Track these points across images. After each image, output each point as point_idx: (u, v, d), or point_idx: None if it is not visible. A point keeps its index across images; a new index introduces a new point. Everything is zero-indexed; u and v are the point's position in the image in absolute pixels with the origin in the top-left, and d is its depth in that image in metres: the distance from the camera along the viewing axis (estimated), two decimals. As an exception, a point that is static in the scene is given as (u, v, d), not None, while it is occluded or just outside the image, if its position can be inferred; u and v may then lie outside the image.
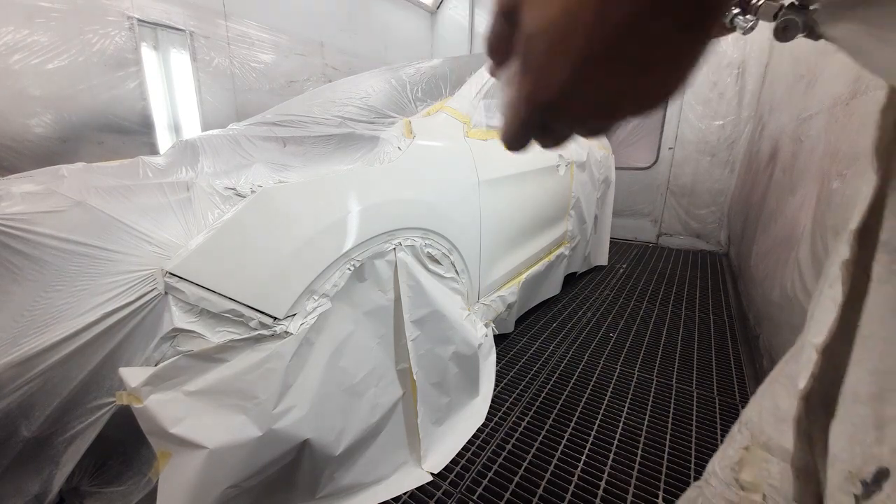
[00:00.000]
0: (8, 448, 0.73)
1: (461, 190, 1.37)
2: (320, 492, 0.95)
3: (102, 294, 0.73)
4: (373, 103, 1.58)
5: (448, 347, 1.22)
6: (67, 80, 2.08)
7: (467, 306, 1.40)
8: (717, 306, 2.32)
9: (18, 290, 0.74)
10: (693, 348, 1.83)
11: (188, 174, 1.08)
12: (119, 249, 0.77)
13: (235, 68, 2.82)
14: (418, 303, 1.12)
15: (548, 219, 2.04)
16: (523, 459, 1.18)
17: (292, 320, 0.84)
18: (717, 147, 3.41)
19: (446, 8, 4.69)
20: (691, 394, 1.49)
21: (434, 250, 1.22)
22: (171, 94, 2.54)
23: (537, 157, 1.89)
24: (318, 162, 1.13)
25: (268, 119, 1.68)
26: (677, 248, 3.68)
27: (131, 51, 2.29)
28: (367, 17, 3.88)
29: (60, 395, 0.72)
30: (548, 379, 1.58)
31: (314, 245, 0.89)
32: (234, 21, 2.77)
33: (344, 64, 3.65)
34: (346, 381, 0.95)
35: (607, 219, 3.01)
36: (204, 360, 0.77)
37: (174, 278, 0.74)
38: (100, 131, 2.24)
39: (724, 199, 3.47)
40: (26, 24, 1.92)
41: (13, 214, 0.78)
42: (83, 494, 0.84)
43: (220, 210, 0.87)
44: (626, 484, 1.10)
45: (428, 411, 1.16)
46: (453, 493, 1.07)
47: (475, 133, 1.53)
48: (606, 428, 1.31)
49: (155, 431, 0.73)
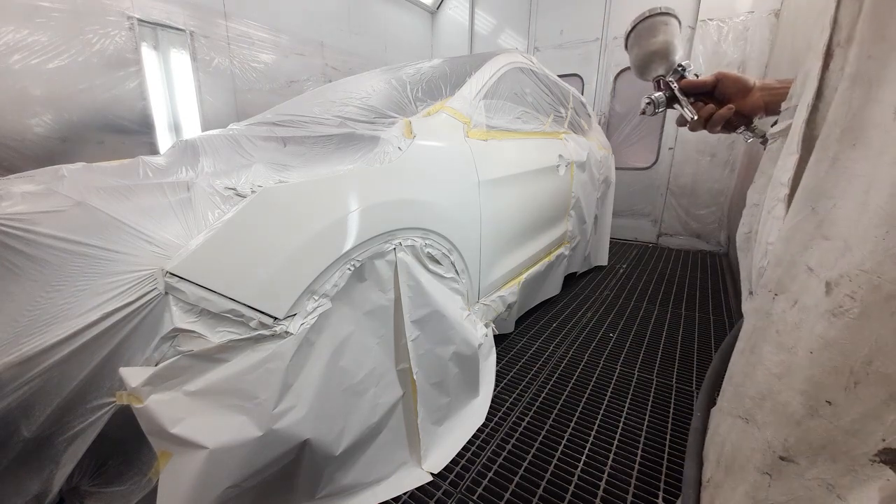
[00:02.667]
0: (8, 448, 0.73)
1: (461, 190, 1.37)
2: (320, 492, 0.95)
3: (102, 294, 0.73)
4: (373, 103, 1.58)
5: (448, 347, 1.22)
6: (67, 80, 2.08)
7: (467, 306, 1.40)
8: (717, 306, 2.32)
9: (18, 290, 0.74)
10: (693, 348, 1.83)
11: (188, 174, 1.08)
12: (119, 249, 0.77)
13: (235, 68, 2.82)
14: (418, 303, 1.12)
15: (548, 219, 2.04)
16: (523, 459, 1.18)
17: (292, 320, 0.84)
18: (717, 147, 3.42)
19: (446, 8, 4.70)
20: (691, 394, 1.49)
21: (434, 250, 1.22)
22: (171, 94, 2.54)
23: (538, 157, 1.89)
24: (318, 162, 1.13)
25: (268, 119, 1.68)
26: (677, 249, 3.68)
27: (131, 51, 2.29)
28: (367, 17, 3.89)
29: (60, 395, 0.72)
30: (548, 379, 1.58)
31: (314, 245, 0.89)
32: (235, 21, 2.77)
33: (344, 64, 3.65)
34: (347, 381, 0.95)
35: (607, 219, 3.01)
36: (204, 360, 0.77)
37: (174, 278, 0.74)
38: (100, 131, 2.24)
39: (724, 199, 3.47)
40: (26, 24, 1.92)
41: (13, 214, 0.77)
42: (83, 494, 0.83)
43: (221, 210, 0.87)
44: (626, 484, 1.10)
45: (428, 411, 1.16)
46: (453, 493, 1.07)
47: (475, 133, 1.53)
48: (606, 428, 1.31)
49: (155, 431, 0.73)
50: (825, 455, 0.35)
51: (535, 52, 4.21)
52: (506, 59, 1.88)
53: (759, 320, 0.43)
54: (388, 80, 1.82)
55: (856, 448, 0.34)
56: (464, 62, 1.84)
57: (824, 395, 0.35)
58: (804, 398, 0.36)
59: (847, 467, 0.34)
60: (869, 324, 0.32)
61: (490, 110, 1.67)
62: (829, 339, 0.34)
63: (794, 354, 0.37)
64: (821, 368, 0.35)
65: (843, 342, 0.34)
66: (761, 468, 0.40)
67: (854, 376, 0.33)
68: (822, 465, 0.35)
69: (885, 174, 0.32)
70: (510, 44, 4.38)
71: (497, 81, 1.76)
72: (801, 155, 0.45)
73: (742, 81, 0.73)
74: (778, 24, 2.95)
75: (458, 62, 1.86)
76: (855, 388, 0.33)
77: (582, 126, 2.63)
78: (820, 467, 0.35)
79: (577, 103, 2.61)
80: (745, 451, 0.42)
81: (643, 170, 3.80)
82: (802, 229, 0.38)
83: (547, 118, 2.15)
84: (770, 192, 0.53)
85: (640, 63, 0.85)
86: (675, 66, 0.81)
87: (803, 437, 0.36)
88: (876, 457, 0.32)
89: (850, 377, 0.33)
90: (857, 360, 0.33)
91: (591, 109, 3.12)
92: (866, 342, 0.32)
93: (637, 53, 0.84)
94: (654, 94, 0.82)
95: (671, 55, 0.81)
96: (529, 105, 2.00)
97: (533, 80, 2.08)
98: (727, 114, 0.73)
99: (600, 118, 3.86)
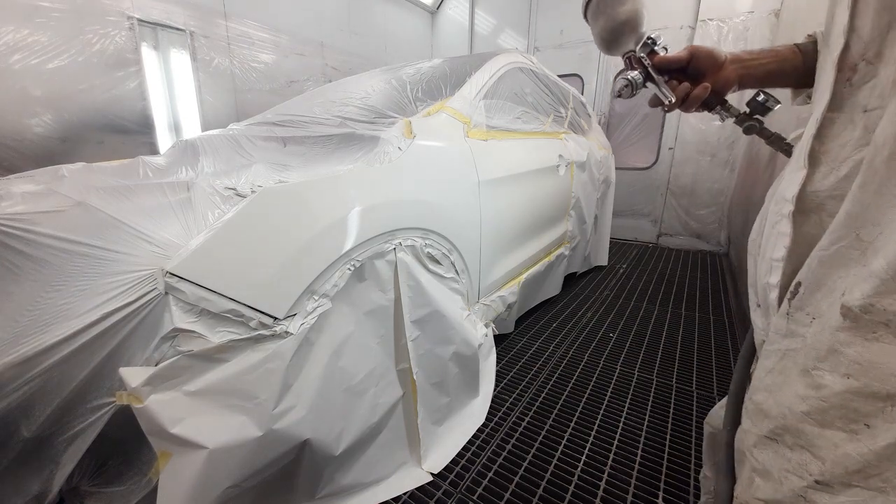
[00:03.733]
0: (8, 448, 0.73)
1: (461, 190, 1.37)
2: (320, 492, 0.95)
3: (102, 294, 0.73)
4: (373, 103, 1.58)
5: (448, 347, 1.22)
6: (67, 80, 2.08)
7: (467, 306, 1.40)
8: (717, 306, 2.32)
9: (18, 290, 0.74)
10: (693, 348, 1.83)
11: (188, 174, 1.08)
12: (119, 249, 0.77)
13: (235, 68, 2.82)
14: (418, 303, 1.12)
15: (548, 219, 2.04)
16: (523, 459, 1.18)
17: (292, 320, 0.84)
18: (717, 147, 3.41)
19: (446, 8, 4.69)
20: (691, 394, 1.49)
21: (434, 250, 1.22)
22: (171, 94, 2.54)
23: (538, 157, 1.89)
24: (318, 162, 1.13)
25: (268, 119, 1.68)
26: (677, 249, 3.68)
27: (131, 51, 2.29)
28: (367, 17, 3.88)
29: (60, 395, 0.72)
30: (548, 379, 1.58)
31: (314, 245, 0.89)
32: (235, 21, 2.77)
33: (344, 64, 3.65)
34: (346, 381, 0.95)
35: (607, 219, 3.01)
36: (204, 360, 0.77)
37: (174, 278, 0.74)
38: (100, 131, 2.24)
39: (724, 199, 3.47)
40: (26, 24, 1.92)
41: (13, 214, 0.78)
42: (83, 494, 0.83)
43: (221, 210, 0.87)
44: (626, 484, 1.10)
45: (428, 411, 1.16)
46: (453, 493, 1.07)
47: (475, 133, 1.53)
48: (606, 428, 1.31)
49: (155, 431, 0.73)
50: (858, 477, 0.35)
51: (535, 52, 4.21)
52: (506, 59, 1.88)
53: (793, 343, 0.43)
54: (388, 80, 1.82)
55: (888, 469, 0.34)
56: (464, 62, 1.84)
57: (863, 420, 0.35)
58: (843, 422, 0.36)
59: (879, 489, 0.34)
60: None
61: (490, 110, 1.67)
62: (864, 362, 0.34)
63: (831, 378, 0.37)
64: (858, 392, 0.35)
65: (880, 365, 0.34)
66: (797, 490, 0.40)
67: (891, 400, 0.33)
68: (855, 487, 0.35)
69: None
70: (510, 44, 4.38)
71: (497, 81, 1.76)
72: (808, 171, 0.44)
73: (714, 55, 0.68)
74: (778, 24, 2.95)
75: (458, 62, 1.86)
76: (892, 410, 0.33)
77: (582, 126, 2.63)
78: (853, 489, 0.35)
79: (577, 103, 2.61)
80: (777, 472, 0.42)
81: (643, 170, 3.80)
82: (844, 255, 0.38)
83: (547, 118, 2.15)
84: (773, 206, 0.51)
85: (607, 36, 0.75)
86: (644, 39, 0.72)
87: (840, 461, 0.36)
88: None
89: (886, 400, 0.33)
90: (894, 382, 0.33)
91: (591, 109, 3.12)
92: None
93: (603, 25, 0.74)
94: (629, 73, 0.73)
95: (640, 25, 0.72)
96: (529, 105, 2.00)
97: (533, 80, 2.08)
98: (703, 93, 0.68)
99: (600, 118, 3.85)
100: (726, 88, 0.69)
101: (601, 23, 0.74)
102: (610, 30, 0.74)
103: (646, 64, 0.71)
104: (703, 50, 0.69)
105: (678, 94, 0.70)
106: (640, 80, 0.72)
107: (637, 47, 0.73)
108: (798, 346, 0.42)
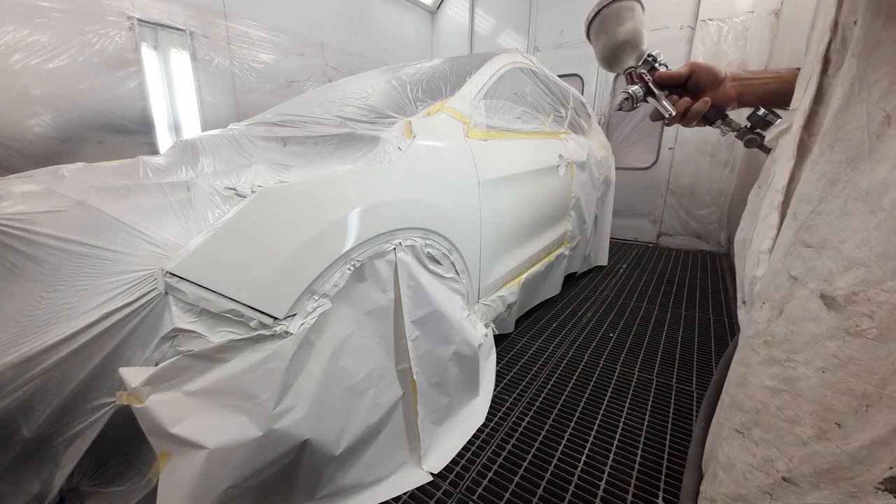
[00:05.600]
0: (8, 448, 0.73)
1: (461, 190, 1.37)
2: (320, 492, 0.95)
3: (102, 294, 0.73)
4: (373, 103, 1.58)
5: (448, 347, 1.22)
6: (67, 80, 2.08)
7: (467, 306, 1.40)
8: (717, 306, 2.32)
9: (18, 290, 0.74)
10: (693, 348, 1.83)
11: (188, 174, 1.08)
12: (119, 249, 0.77)
13: (235, 68, 2.82)
14: (418, 303, 1.12)
15: (548, 219, 2.04)
16: (523, 459, 1.18)
17: (292, 320, 0.84)
18: (717, 147, 3.41)
19: (446, 8, 4.69)
20: (691, 394, 1.49)
21: (434, 250, 1.22)
22: (171, 94, 2.54)
23: (538, 157, 1.89)
24: (318, 162, 1.13)
25: (268, 119, 1.68)
26: (677, 249, 3.68)
27: (131, 51, 2.29)
28: (367, 17, 3.88)
29: (60, 395, 0.72)
30: (548, 379, 1.58)
31: (314, 245, 0.89)
32: (235, 21, 2.77)
33: (344, 64, 3.65)
34: (347, 381, 0.95)
35: (607, 219, 3.01)
36: (204, 360, 0.77)
37: (174, 278, 0.74)
38: (100, 131, 2.24)
39: (724, 199, 3.47)
40: (26, 24, 1.92)
41: (13, 214, 0.77)
42: (83, 494, 0.83)
43: (221, 210, 0.87)
44: (626, 484, 1.10)
45: (428, 411, 1.16)
46: (453, 493, 1.07)
47: (475, 133, 1.53)
48: (606, 428, 1.31)
49: (155, 431, 0.73)
50: (828, 479, 0.34)
51: (535, 52, 4.21)
52: (506, 59, 1.88)
53: (750, 330, 0.43)
54: (388, 80, 1.82)
55: (861, 474, 0.33)
56: (464, 62, 1.84)
57: (834, 418, 0.34)
58: (813, 419, 0.35)
59: (850, 493, 0.33)
60: (886, 345, 0.31)
61: (490, 110, 1.67)
62: (843, 358, 0.33)
63: (793, 369, 0.36)
64: (833, 389, 0.34)
65: (858, 363, 0.32)
66: (763, 487, 0.39)
67: (867, 399, 0.32)
68: (825, 489, 0.34)
69: None
70: (510, 44, 4.38)
71: (497, 81, 1.76)
72: (795, 162, 0.44)
73: (714, 72, 0.71)
74: (778, 24, 2.95)
75: (458, 62, 1.86)
76: (866, 411, 0.32)
77: (582, 126, 2.63)
78: (822, 491, 0.35)
79: (577, 103, 2.60)
80: (741, 466, 0.42)
81: (643, 170, 3.80)
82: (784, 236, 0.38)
83: (547, 118, 2.15)
84: (766, 198, 0.52)
85: (608, 54, 0.79)
86: (644, 56, 0.76)
87: (808, 459, 0.35)
88: (881, 485, 0.32)
89: (862, 400, 0.32)
90: (871, 382, 0.32)
91: (591, 109, 3.12)
92: (882, 364, 0.31)
93: (605, 44, 0.78)
94: (630, 87, 0.77)
95: (641, 44, 0.76)
96: (529, 105, 2.00)
97: (533, 80, 2.08)
98: (703, 107, 0.70)
99: (600, 118, 3.85)
100: (726, 104, 0.72)
101: (602, 42, 0.78)
102: (611, 48, 0.78)
103: (647, 79, 0.75)
104: (703, 66, 0.72)
105: (679, 107, 0.72)
106: (640, 95, 0.75)
107: (638, 64, 0.76)
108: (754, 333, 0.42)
